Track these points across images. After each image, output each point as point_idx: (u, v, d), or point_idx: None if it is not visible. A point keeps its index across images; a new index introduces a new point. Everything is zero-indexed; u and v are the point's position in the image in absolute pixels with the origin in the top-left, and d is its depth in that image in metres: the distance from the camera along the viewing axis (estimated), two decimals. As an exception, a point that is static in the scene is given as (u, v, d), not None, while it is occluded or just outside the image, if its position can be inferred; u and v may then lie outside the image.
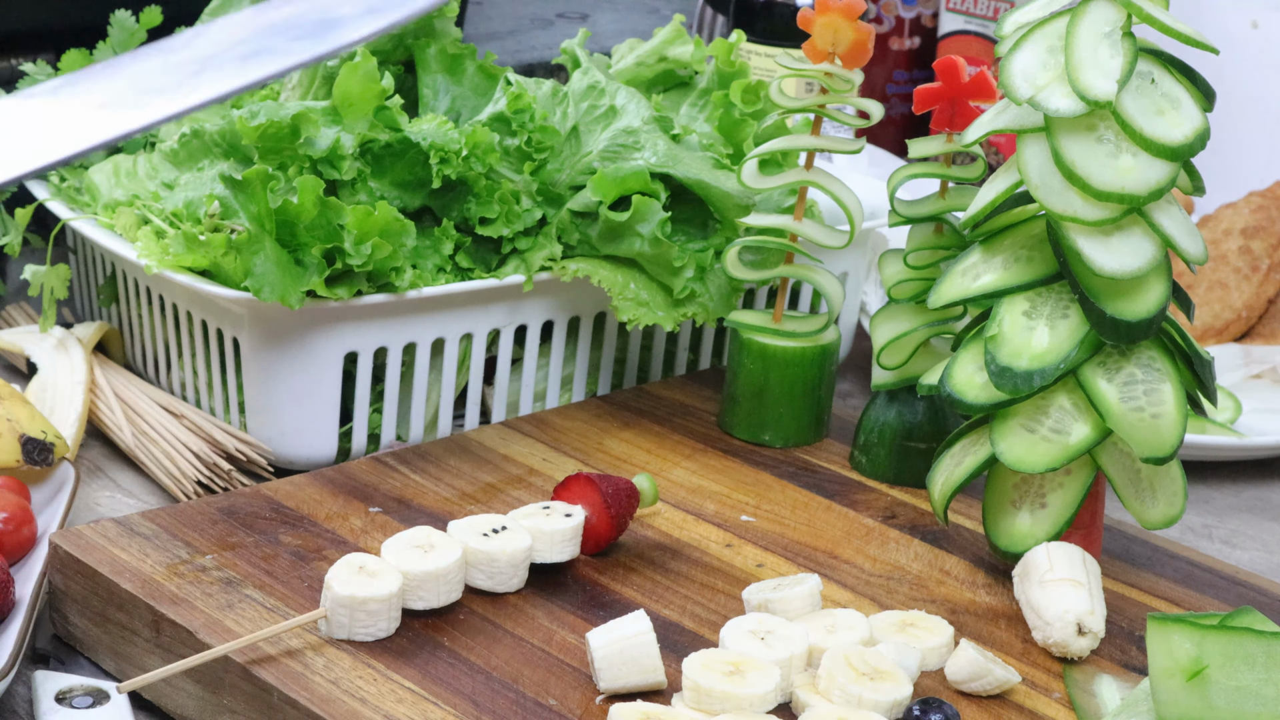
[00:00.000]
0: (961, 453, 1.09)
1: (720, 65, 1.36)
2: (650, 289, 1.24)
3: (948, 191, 1.17)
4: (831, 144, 1.19)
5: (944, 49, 1.84)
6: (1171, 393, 1.04)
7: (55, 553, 1.02)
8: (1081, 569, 1.02)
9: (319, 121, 1.19)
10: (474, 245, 1.24)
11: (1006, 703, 0.97)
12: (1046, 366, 1.04)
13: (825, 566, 1.09)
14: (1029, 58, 1.03)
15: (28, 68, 1.37)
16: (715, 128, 1.31)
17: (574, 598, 1.03)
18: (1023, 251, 1.07)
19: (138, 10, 1.40)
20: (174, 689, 0.97)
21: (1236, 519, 1.32)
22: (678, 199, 1.26)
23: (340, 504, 1.10)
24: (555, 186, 1.25)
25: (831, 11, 1.16)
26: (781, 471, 1.20)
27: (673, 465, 1.20)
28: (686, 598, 1.04)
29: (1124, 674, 1.00)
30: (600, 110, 1.26)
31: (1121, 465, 1.07)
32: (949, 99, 1.15)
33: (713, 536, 1.11)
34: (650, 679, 0.93)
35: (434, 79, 1.29)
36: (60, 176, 1.33)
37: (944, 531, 1.14)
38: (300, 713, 0.90)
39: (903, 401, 1.20)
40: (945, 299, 1.09)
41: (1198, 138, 1.02)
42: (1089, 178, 1.01)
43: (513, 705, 0.92)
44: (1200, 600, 1.09)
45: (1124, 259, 1.02)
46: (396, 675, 0.94)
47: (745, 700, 0.91)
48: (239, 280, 1.15)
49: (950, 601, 1.06)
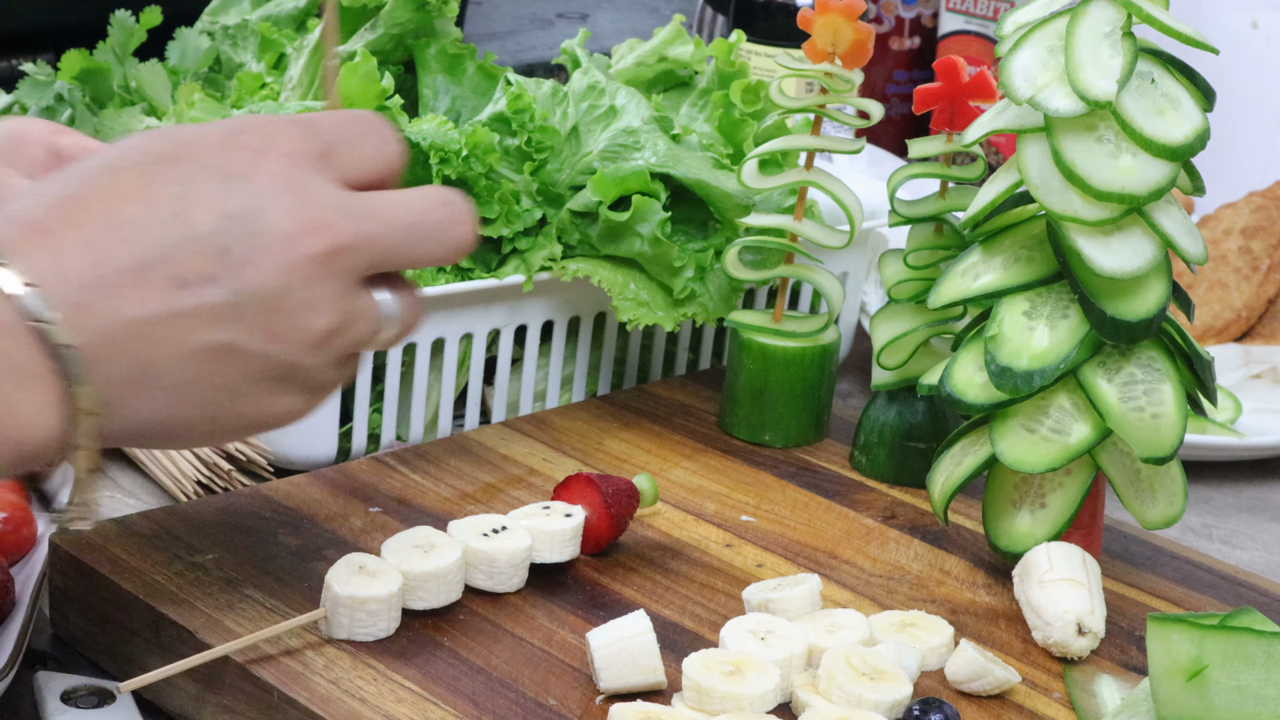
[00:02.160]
0: (961, 453, 1.09)
1: (720, 65, 1.36)
2: (650, 289, 1.24)
3: (948, 191, 1.17)
4: (831, 144, 1.19)
5: (944, 49, 1.84)
6: (1171, 393, 1.04)
7: (55, 553, 1.02)
8: (1081, 569, 1.02)
9: (319, 121, 1.19)
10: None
11: (1006, 703, 0.97)
12: (1046, 366, 1.04)
13: (825, 566, 1.09)
14: (1029, 58, 1.03)
15: (28, 68, 1.37)
16: (715, 128, 1.31)
17: (574, 598, 1.03)
18: (1023, 251, 1.07)
19: (138, 10, 1.40)
20: (174, 689, 0.97)
21: (1236, 519, 1.32)
22: (678, 199, 1.26)
23: (340, 504, 1.10)
24: (555, 186, 1.25)
25: (831, 11, 1.16)
26: (781, 471, 1.20)
27: (673, 465, 1.20)
28: (686, 598, 1.04)
29: (1124, 674, 1.00)
30: (600, 110, 1.26)
31: (1121, 465, 1.07)
32: (949, 99, 1.15)
33: (713, 536, 1.11)
34: (650, 679, 0.93)
35: (434, 79, 1.29)
36: (60, 176, 1.33)
37: (944, 531, 1.14)
38: (300, 713, 0.90)
39: (903, 401, 1.20)
40: (945, 299, 1.09)
41: (1198, 138, 1.02)
42: (1089, 178, 1.01)
43: (513, 705, 0.92)
44: (1200, 600, 1.09)
45: (1124, 259, 1.02)
46: (396, 675, 0.94)
47: (745, 700, 0.91)
48: (239, 280, 1.15)
49: (950, 601, 1.06)
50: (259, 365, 0.79)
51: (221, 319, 0.77)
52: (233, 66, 1.41)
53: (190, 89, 1.34)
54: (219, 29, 1.43)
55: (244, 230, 0.77)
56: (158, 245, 0.76)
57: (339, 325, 0.81)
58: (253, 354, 0.79)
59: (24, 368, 0.72)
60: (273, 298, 0.78)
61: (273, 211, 0.78)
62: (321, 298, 0.79)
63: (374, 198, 0.82)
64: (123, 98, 1.38)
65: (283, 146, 0.79)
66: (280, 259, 0.78)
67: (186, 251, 0.76)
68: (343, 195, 0.80)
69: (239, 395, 0.80)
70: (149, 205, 0.76)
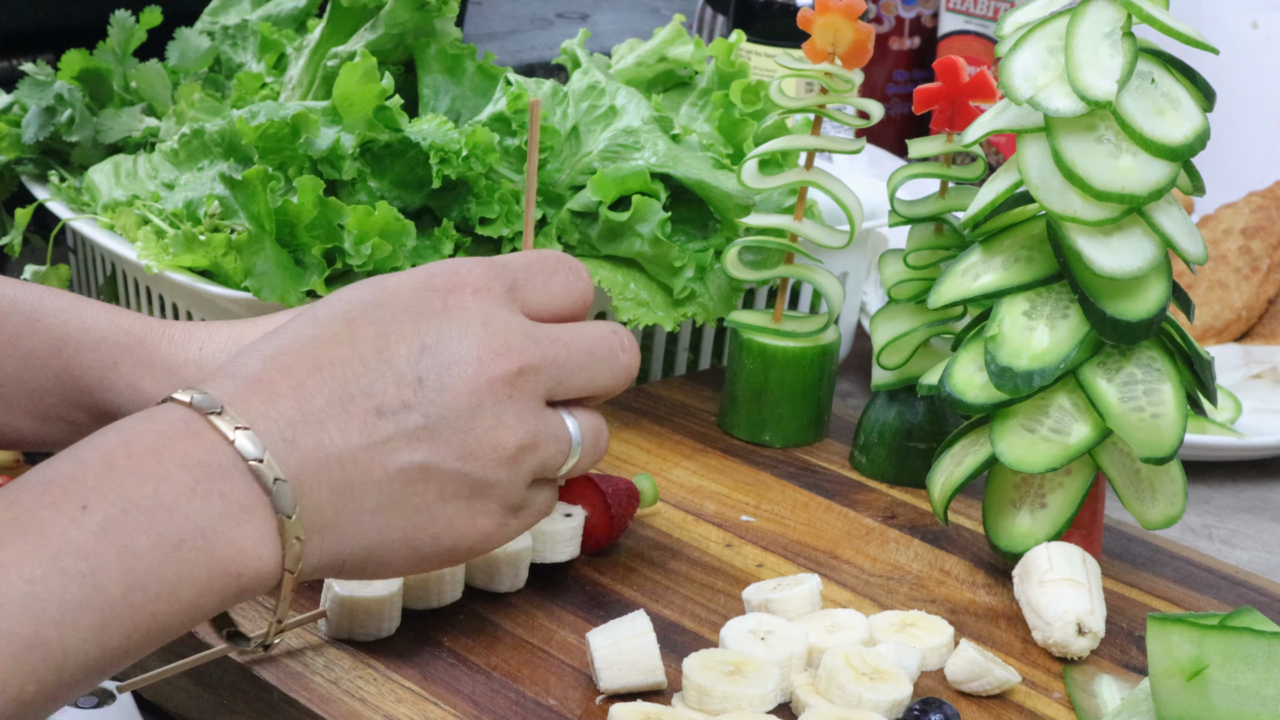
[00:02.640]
0: (961, 453, 1.09)
1: (720, 65, 1.36)
2: (650, 289, 1.24)
3: (948, 191, 1.17)
4: (831, 144, 1.19)
5: (944, 49, 1.84)
6: (1171, 393, 1.04)
7: (55, 553, 1.02)
8: (1081, 569, 1.02)
9: (319, 121, 1.19)
10: (474, 245, 1.24)
11: (1006, 703, 0.97)
12: (1046, 366, 1.04)
13: (825, 566, 1.09)
14: (1029, 58, 1.03)
15: (28, 67, 1.37)
16: (715, 128, 1.31)
17: (574, 598, 1.03)
18: (1023, 251, 1.07)
19: (138, 10, 1.40)
20: (174, 689, 0.97)
21: (1236, 519, 1.32)
22: (678, 199, 1.26)
23: (340, 504, 1.09)
24: (555, 186, 1.25)
25: (831, 11, 1.16)
26: (781, 471, 1.20)
27: (673, 465, 1.20)
28: (686, 598, 1.04)
29: (1124, 674, 1.00)
30: (600, 110, 1.26)
31: (1121, 465, 1.07)
32: (949, 99, 1.15)
33: (713, 536, 1.11)
34: (650, 679, 0.93)
35: (434, 79, 1.29)
36: (60, 177, 1.33)
37: (944, 531, 1.14)
38: (300, 712, 0.90)
39: (903, 401, 1.20)
40: (945, 299, 1.09)
41: (1198, 138, 1.02)
42: (1089, 178, 1.01)
43: (513, 705, 0.92)
44: (1200, 600, 1.09)
45: (1124, 259, 1.02)
46: (396, 675, 0.94)
47: (745, 700, 0.91)
48: (239, 280, 1.15)
49: (950, 601, 1.06)
50: (453, 484, 0.85)
51: (418, 441, 0.83)
52: (233, 66, 1.41)
53: (190, 89, 1.34)
54: (219, 29, 1.43)
55: (437, 359, 0.84)
56: (359, 381, 0.83)
57: (528, 442, 0.86)
58: (447, 473, 0.84)
59: (242, 504, 0.78)
60: (465, 418, 0.84)
61: (463, 340, 0.85)
62: (510, 416, 0.85)
63: (553, 327, 0.89)
64: (123, 98, 1.38)
65: (471, 284, 0.87)
66: (471, 382, 0.84)
67: (385, 384, 0.83)
68: (527, 323, 0.88)
69: (437, 517, 0.85)
70: (352, 345, 0.83)
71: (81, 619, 0.72)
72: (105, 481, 0.75)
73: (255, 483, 0.78)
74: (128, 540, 0.74)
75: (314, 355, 0.83)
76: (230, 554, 0.77)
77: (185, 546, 0.76)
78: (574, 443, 0.90)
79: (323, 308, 0.86)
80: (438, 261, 0.90)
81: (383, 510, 0.83)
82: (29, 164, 1.36)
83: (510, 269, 0.89)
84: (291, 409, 0.81)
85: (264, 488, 0.78)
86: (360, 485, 0.82)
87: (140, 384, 0.98)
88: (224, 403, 0.79)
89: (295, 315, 0.87)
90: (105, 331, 0.99)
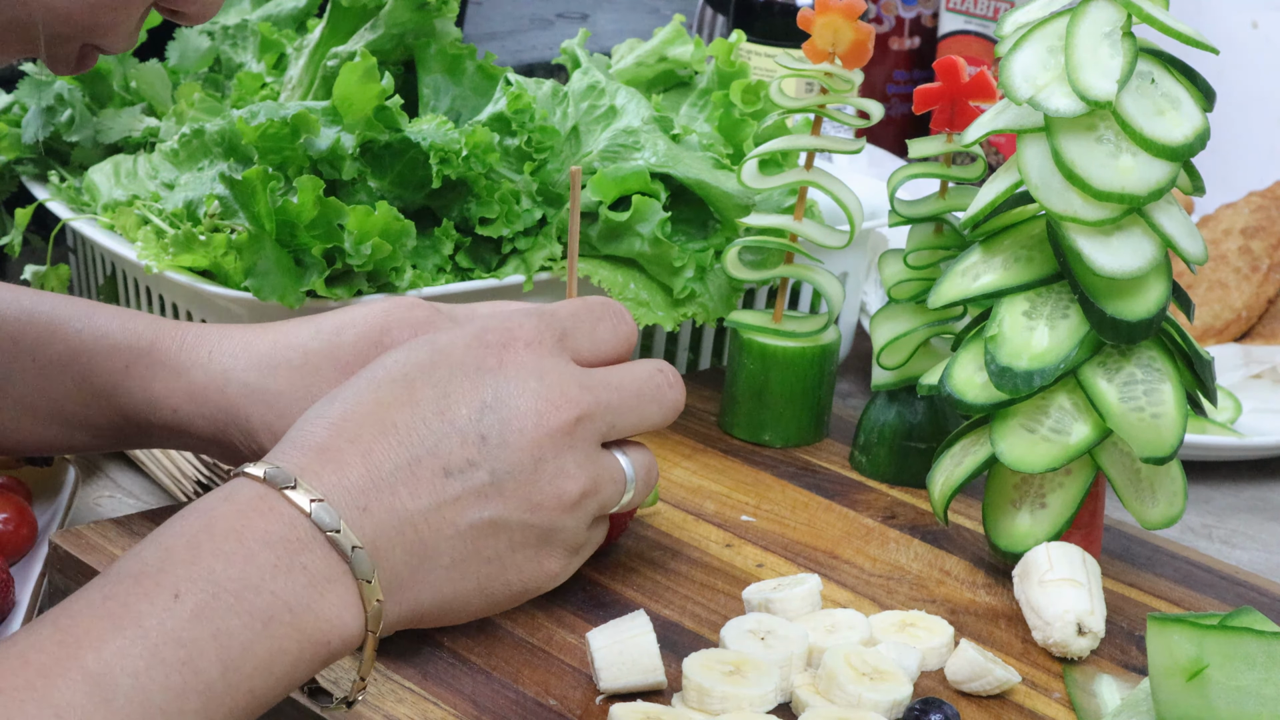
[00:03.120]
0: (961, 453, 1.09)
1: (720, 65, 1.36)
2: (650, 289, 1.24)
3: (948, 191, 1.17)
4: (831, 144, 1.19)
5: (944, 49, 1.84)
6: (1171, 393, 1.04)
7: (55, 553, 1.02)
8: (1081, 569, 1.02)
9: (319, 121, 1.19)
10: (474, 245, 1.24)
11: (1006, 703, 0.97)
12: (1046, 366, 1.04)
13: (825, 566, 1.09)
14: (1029, 58, 1.03)
15: (28, 68, 1.37)
16: (715, 128, 1.31)
17: (574, 598, 1.03)
18: (1023, 251, 1.07)
19: (138, 10, 1.40)
20: None
21: (1236, 519, 1.32)
22: (678, 199, 1.26)
23: (340, 504, 1.09)
24: (555, 186, 1.25)
25: (831, 11, 1.16)
26: (781, 471, 1.20)
27: (673, 465, 1.20)
28: (686, 598, 1.04)
29: (1124, 674, 1.00)
30: (600, 110, 1.26)
31: (1121, 465, 1.07)
32: (949, 99, 1.15)
33: (713, 536, 1.11)
34: (650, 679, 0.93)
35: (434, 79, 1.29)
36: (60, 176, 1.33)
37: (944, 531, 1.14)
38: (300, 713, 0.90)
39: (903, 401, 1.20)
40: (945, 299, 1.09)
41: (1198, 138, 1.02)
42: (1089, 178, 1.01)
43: (513, 705, 0.92)
44: (1200, 600, 1.09)
45: (1124, 259, 1.02)
46: (396, 675, 0.94)
47: (745, 700, 0.91)
48: (239, 280, 1.15)
49: (950, 601, 1.06)
50: (521, 535, 0.87)
51: (486, 498, 0.86)
52: (233, 66, 1.41)
53: (190, 89, 1.34)
54: (219, 29, 1.43)
55: (498, 416, 0.86)
56: (425, 442, 0.85)
57: (590, 488, 0.89)
58: (515, 525, 0.87)
59: (323, 575, 0.81)
60: (529, 471, 0.87)
61: (521, 395, 0.87)
62: (571, 464, 0.88)
63: (603, 371, 0.91)
64: (123, 98, 1.38)
65: (524, 338, 0.89)
66: (532, 435, 0.87)
67: (450, 444, 0.85)
68: (579, 371, 0.90)
69: (507, 566, 0.87)
70: (414, 408, 0.85)
71: (186, 704, 0.75)
72: (193, 568, 0.78)
73: (334, 552, 0.81)
74: (220, 623, 0.77)
75: (378, 420, 0.85)
76: (318, 625, 0.80)
77: (275, 623, 0.78)
78: (629, 480, 0.92)
79: (380, 370, 0.88)
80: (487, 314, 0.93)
81: (456, 565, 0.86)
82: (29, 164, 1.36)
83: (559, 319, 0.91)
84: (362, 476, 0.83)
85: (342, 556, 0.81)
86: (433, 543, 0.84)
87: (151, 387, 1.00)
88: (296, 475, 0.82)
89: (353, 380, 0.89)
90: (118, 337, 1.01)
